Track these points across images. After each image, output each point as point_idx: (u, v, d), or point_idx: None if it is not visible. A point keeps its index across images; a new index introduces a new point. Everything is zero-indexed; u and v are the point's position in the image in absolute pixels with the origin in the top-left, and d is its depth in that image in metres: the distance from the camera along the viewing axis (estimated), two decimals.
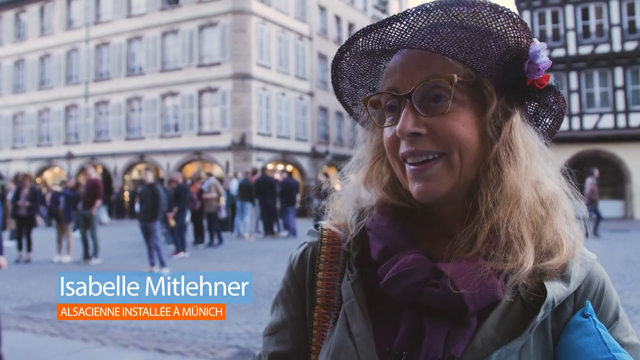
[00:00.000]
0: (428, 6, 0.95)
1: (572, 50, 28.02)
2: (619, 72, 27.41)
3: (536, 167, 1.00)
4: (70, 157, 38.06)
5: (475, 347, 0.92)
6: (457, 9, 0.95)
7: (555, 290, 0.94)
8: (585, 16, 28.04)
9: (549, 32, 28.53)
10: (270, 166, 29.15)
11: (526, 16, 28.59)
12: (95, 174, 15.31)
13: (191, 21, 35.46)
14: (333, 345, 1.01)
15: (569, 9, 28.11)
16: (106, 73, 39.22)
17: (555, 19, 28.50)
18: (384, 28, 0.99)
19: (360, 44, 1.05)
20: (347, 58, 1.10)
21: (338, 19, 43.26)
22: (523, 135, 1.00)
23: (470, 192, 0.99)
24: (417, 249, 1.01)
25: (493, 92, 0.98)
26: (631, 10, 27.33)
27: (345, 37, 43.70)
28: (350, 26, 43.97)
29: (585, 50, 27.87)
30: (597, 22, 27.88)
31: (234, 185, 21.98)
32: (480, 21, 0.95)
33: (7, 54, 43.31)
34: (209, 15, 34.97)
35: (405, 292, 0.96)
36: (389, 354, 0.96)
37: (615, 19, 27.40)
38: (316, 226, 1.18)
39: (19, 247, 14.84)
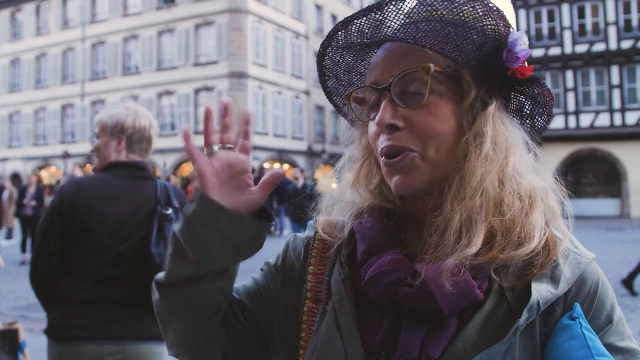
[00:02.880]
0: None
1: (568, 49, 28.04)
2: (615, 70, 27.44)
3: (512, 159, 0.97)
4: (66, 156, 38.01)
5: (457, 350, 0.90)
6: None
7: (541, 292, 0.92)
8: (582, 14, 28.06)
9: (545, 31, 28.56)
10: (266, 165, 29.12)
11: (522, 15, 28.62)
12: (80, 174, 15.09)
13: (187, 20, 35.40)
14: (320, 338, 1.01)
15: (565, 7, 28.13)
16: (102, 72, 39.15)
17: (551, 18, 28.53)
18: (361, 19, 0.99)
19: (341, 38, 1.04)
20: (330, 54, 1.10)
21: (334, 17, 43.17)
22: (497, 125, 0.98)
23: (444, 186, 0.97)
24: (397, 249, 1.00)
25: (472, 82, 0.97)
26: (627, 9, 27.37)
27: None
28: None
29: (581, 48, 27.90)
30: (593, 21, 27.91)
31: None
32: (455, 10, 0.95)
33: (3, 53, 43.20)
34: (205, 14, 34.91)
35: (382, 292, 0.95)
36: (369, 354, 0.96)
37: (611, 17, 27.44)
38: (316, 221, 1.18)
39: (23, 249, 14.31)
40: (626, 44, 27.28)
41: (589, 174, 28.36)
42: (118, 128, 2.80)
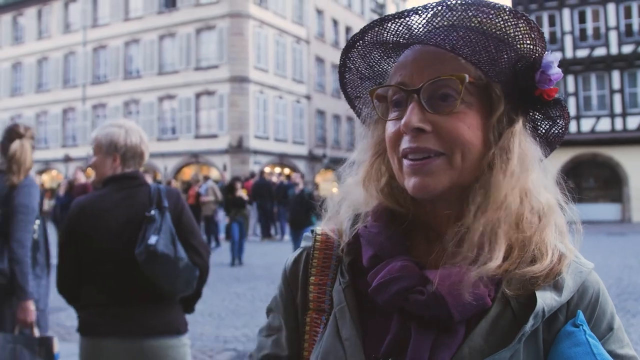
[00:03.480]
0: (449, 3, 0.94)
1: (569, 54, 28.06)
2: (616, 75, 27.44)
3: (531, 176, 0.98)
4: (67, 160, 38.03)
5: (463, 356, 0.91)
6: (476, 10, 0.94)
7: (546, 299, 0.93)
8: (582, 19, 28.08)
9: (546, 36, 27.72)
10: (267, 169, 29.13)
11: None
12: (84, 178, 14.94)
13: (188, 24, 35.45)
14: (322, 349, 1.01)
15: (566, 12, 28.16)
16: (103, 76, 39.21)
17: (552, 22, 28.55)
18: (402, 19, 0.98)
19: (375, 34, 1.03)
20: (359, 47, 1.08)
21: (335, 22, 43.29)
22: (522, 143, 0.99)
23: (464, 195, 0.98)
24: (406, 256, 1.00)
25: (501, 97, 0.98)
26: (628, 14, 27.39)
27: (342, 41, 43.85)
28: (347, 29, 44.00)
29: (582, 53, 27.92)
30: (594, 25, 27.92)
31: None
32: (497, 25, 0.95)
33: (5, 57, 43.27)
34: (206, 19, 34.97)
35: (391, 299, 0.95)
36: None
37: (612, 22, 27.45)
38: (312, 231, 1.17)
39: None
40: (627, 49, 27.29)
41: (590, 178, 28.34)
42: (112, 147, 2.99)
